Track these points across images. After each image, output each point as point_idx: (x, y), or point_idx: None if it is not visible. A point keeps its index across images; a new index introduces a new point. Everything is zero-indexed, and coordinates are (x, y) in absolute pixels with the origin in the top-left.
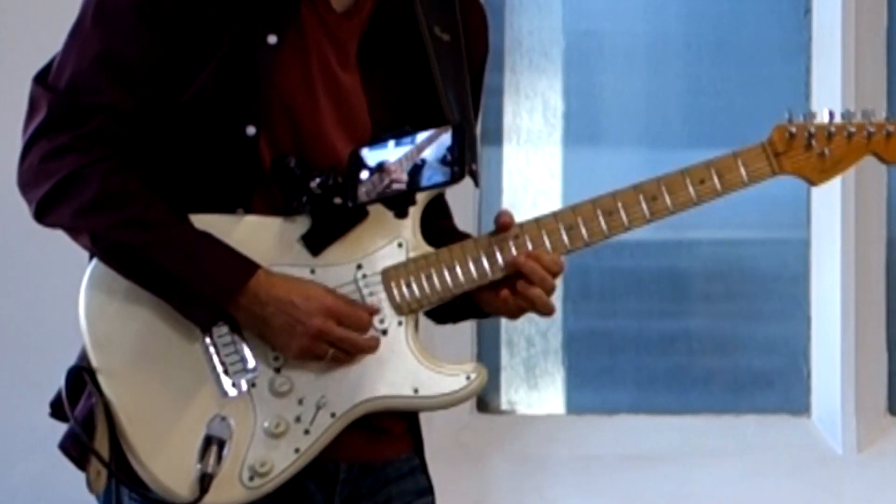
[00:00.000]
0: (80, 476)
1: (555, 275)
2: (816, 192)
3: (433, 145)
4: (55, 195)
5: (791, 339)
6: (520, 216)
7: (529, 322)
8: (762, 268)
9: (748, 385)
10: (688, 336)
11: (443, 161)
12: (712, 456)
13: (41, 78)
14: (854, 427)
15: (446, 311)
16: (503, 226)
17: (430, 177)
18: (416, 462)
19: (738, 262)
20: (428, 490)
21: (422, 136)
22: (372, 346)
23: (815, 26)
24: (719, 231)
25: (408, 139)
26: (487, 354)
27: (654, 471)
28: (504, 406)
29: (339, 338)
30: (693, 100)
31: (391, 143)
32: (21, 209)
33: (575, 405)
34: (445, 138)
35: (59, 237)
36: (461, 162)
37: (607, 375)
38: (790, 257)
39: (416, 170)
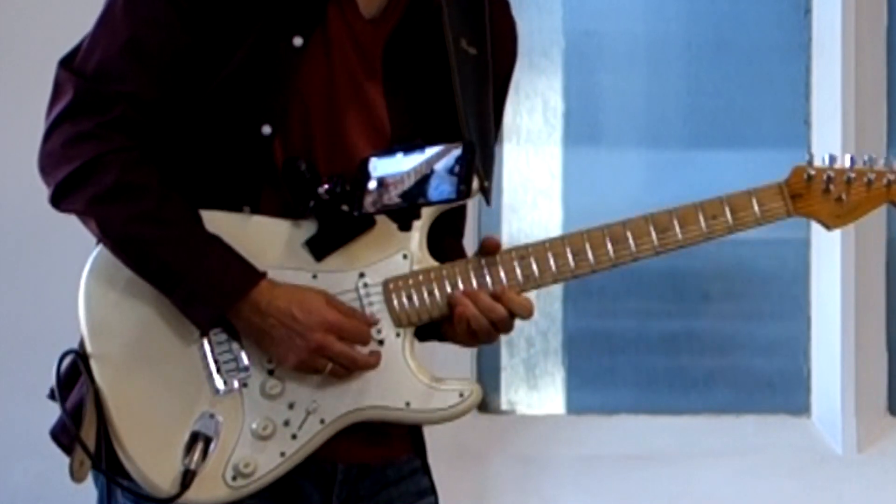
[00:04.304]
0: None
1: (515, 314)
2: None
3: (442, 161)
4: (73, 181)
5: (791, 339)
6: (520, 216)
7: (529, 322)
8: (762, 268)
9: (748, 385)
10: (688, 336)
11: (449, 178)
12: (712, 456)
13: (67, 62)
14: (854, 427)
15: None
16: (487, 250)
17: (434, 192)
18: (418, 463)
19: (738, 262)
20: (430, 491)
21: (431, 151)
22: (371, 363)
23: (815, 26)
24: None
25: (417, 152)
26: (487, 354)
27: (654, 471)
28: (504, 406)
29: (338, 353)
30: (693, 100)
31: (400, 154)
32: (21, 209)
33: (575, 405)
34: (455, 155)
35: (59, 238)
36: (468, 180)
37: (607, 375)
38: (790, 257)
39: (422, 184)
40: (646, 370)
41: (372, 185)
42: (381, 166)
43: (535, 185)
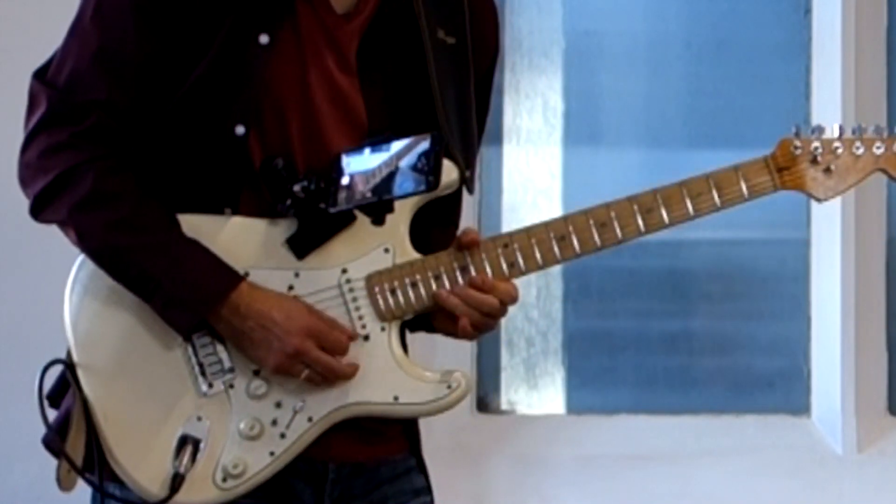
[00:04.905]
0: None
1: (504, 302)
2: None
3: (409, 154)
4: (50, 192)
5: (791, 339)
6: (520, 216)
7: (529, 322)
8: (762, 268)
9: (748, 385)
10: (688, 336)
11: (417, 169)
12: (712, 456)
13: (41, 74)
14: (854, 427)
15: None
16: (464, 244)
17: (402, 185)
18: (412, 462)
19: (738, 262)
20: (425, 489)
21: (399, 145)
22: (348, 374)
23: (815, 26)
24: (719, 231)
25: (385, 147)
26: (487, 354)
27: (654, 471)
28: (504, 406)
29: (314, 360)
30: (693, 100)
31: (367, 150)
32: (19, 209)
33: (575, 405)
34: (422, 146)
35: (58, 237)
36: (436, 171)
37: (607, 375)
38: (790, 257)
39: (390, 178)
40: (646, 370)
41: (344, 181)
42: (353, 162)
43: (535, 185)
